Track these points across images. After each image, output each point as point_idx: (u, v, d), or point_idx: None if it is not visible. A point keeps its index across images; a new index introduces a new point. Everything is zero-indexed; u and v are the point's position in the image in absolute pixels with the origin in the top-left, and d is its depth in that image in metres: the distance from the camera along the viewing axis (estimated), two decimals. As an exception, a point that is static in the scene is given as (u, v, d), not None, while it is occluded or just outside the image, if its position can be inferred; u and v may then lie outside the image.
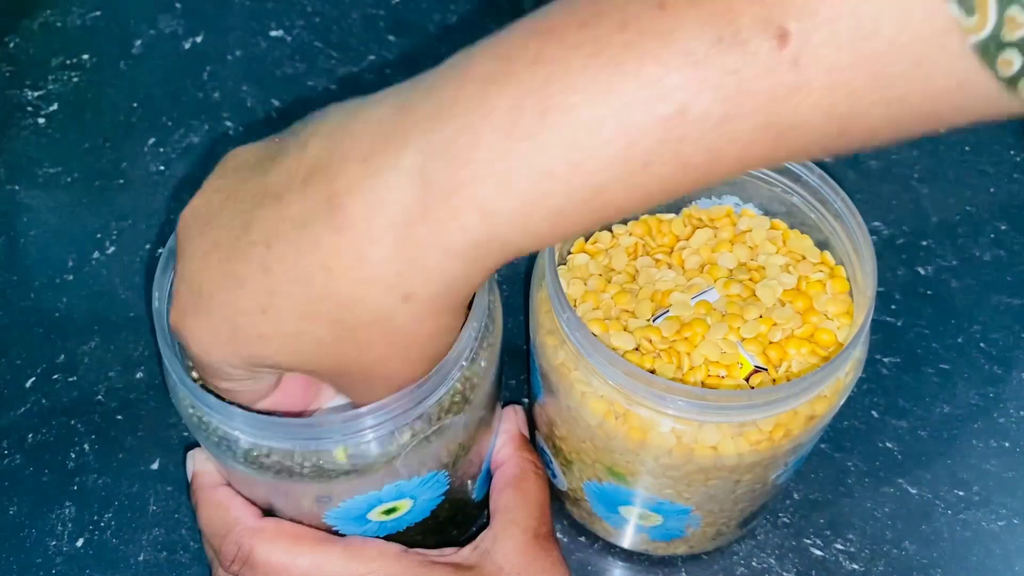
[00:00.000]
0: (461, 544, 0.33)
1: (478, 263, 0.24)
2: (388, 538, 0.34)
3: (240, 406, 0.28)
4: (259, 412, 0.29)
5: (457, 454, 0.32)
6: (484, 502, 0.39)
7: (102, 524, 0.40)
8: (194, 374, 0.30)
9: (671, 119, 0.21)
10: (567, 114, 0.21)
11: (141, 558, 0.40)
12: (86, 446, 0.43)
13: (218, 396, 0.28)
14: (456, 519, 0.37)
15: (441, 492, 0.33)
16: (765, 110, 0.21)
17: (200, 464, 0.33)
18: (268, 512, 0.32)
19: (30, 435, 0.43)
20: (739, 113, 0.21)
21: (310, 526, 0.32)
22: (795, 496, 0.41)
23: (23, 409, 0.44)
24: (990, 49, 0.19)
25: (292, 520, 0.32)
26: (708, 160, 0.22)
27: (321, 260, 0.24)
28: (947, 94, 0.21)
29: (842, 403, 0.31)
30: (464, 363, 0.30)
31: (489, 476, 0.37)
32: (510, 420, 0.36)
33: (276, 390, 0.29)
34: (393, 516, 0.32)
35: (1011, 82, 0.20)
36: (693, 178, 0.22)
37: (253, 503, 0.32)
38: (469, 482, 0.35)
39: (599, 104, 0.21)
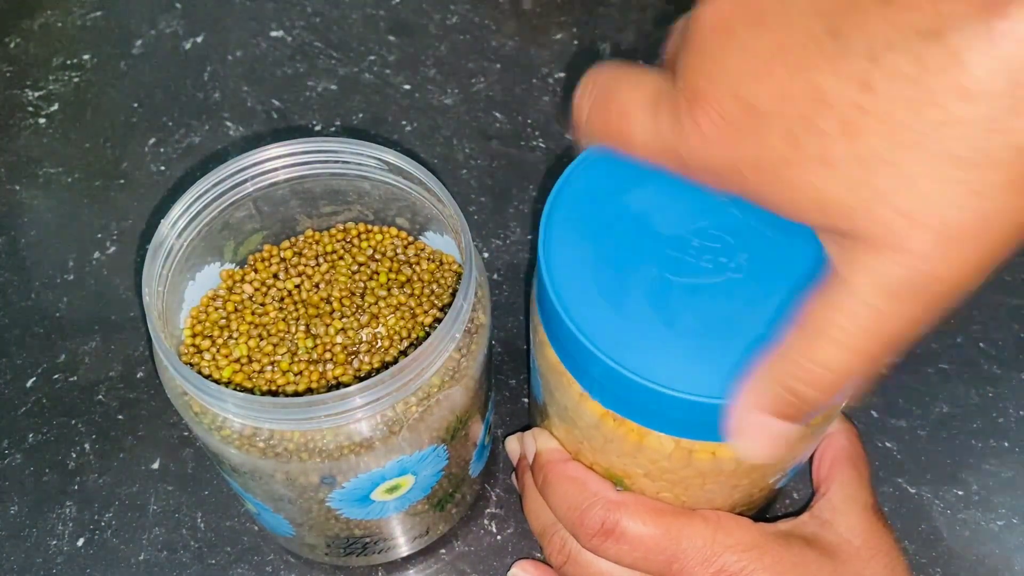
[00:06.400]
0: (462, 522, 0.33)
1: None
2: (392, 519, 0.35)
3: (238, 389, 0.28)
4: (250, 392, 0.29)
5: (455, 428, 0.32)
6: (482, 478, 0.40)
7: (103, 524, 0.41)
8: (184, 358, 0.30)
9: None
10: None
11: (142, 557, 0.40)
12: (87, 446, 0.43)
13: (210, 377, 0.28)
14: (455, 496, 0.37)
15: (440, 468, 0.34)
16: None
17: (544, 442, 0.34)
18: (271, 502, 0.33)
19: (31, 435, 0.43)
20: None
21: (317, 515, 0.32)
22: (795, 496, 0.41)
23: (24, 409, 0.44)
24: None
25: (296, 507, 0.32)
26: None
27: (961, 83, 0.18)
28: None
29: (841, 407, 0.31)
30: (457, 335, 0.30)
31: (485, 453, 0.38)
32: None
33: None
34: (396, 495, 0.33)
35: None
36: None
37: (254, 492, 0.32)
38: (467, 458, 0.36)
39: None
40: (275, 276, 0.36)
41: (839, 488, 0.33)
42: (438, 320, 0.35)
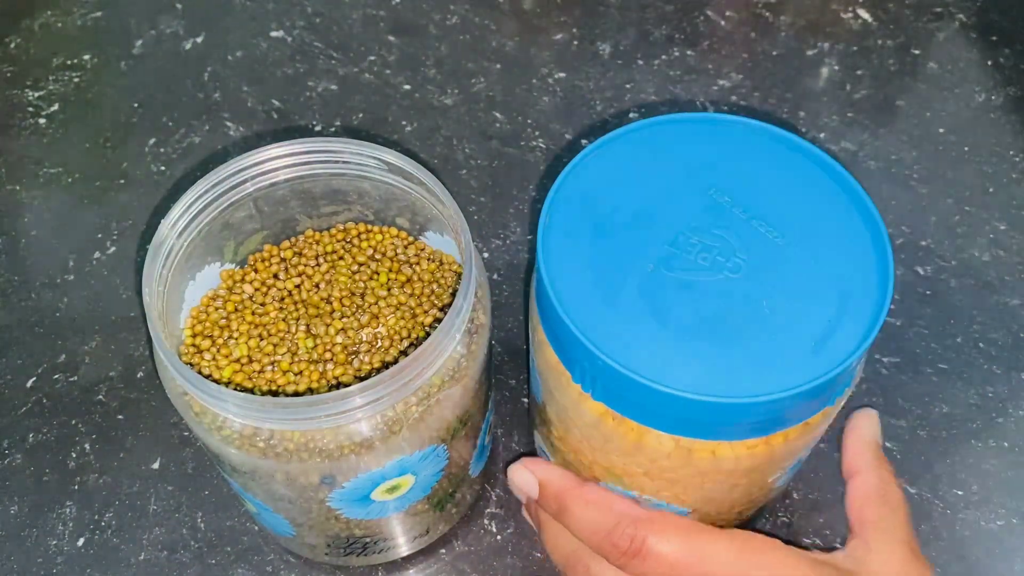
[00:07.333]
0: (462, 522, 0.33)
1: None
2: (392, 519, 0.35)
3: (239, 389, 0.28)
4: (250, 392, 0.29)
5: (455, 428, 0.32)
6: (482, 478, 0.40)
7: (103, 524, 0.41)
8: (184, 358, 0.30)
9: None
10: None
11: (142, 557, 0.40)
12: (87, 445, 0.43)
13: (210, 377, 0.28)
14: (455, 496, 0.37)
15: (440, 468, 0.34)
16: None
17: (543, 471, 0.33)
18: (271, 502, 0.33)
19: (31, 435, 0.43)
20: None
21: (317, 515, 0.32)
22: (795, 496, 0.41)
23: (24, 409, 0.44)
24: None
25: (296, 507, 0.32)
26: None
27: None
28: None
29: (841, 406, 0.31)
30: (457, 335, 0.30)
31: (485, 453, 0.38)
32: (864, 426, 0.35)
33: None
34: (396, 495, 0.33)
35: None
36: None
37: (254, 492, 0.32)
38: (467, 458, 0.36)
39: None
40: (275, 276, 0.36)
41: (873, 526, 0.33)
42: (438, 320, 0.35)
